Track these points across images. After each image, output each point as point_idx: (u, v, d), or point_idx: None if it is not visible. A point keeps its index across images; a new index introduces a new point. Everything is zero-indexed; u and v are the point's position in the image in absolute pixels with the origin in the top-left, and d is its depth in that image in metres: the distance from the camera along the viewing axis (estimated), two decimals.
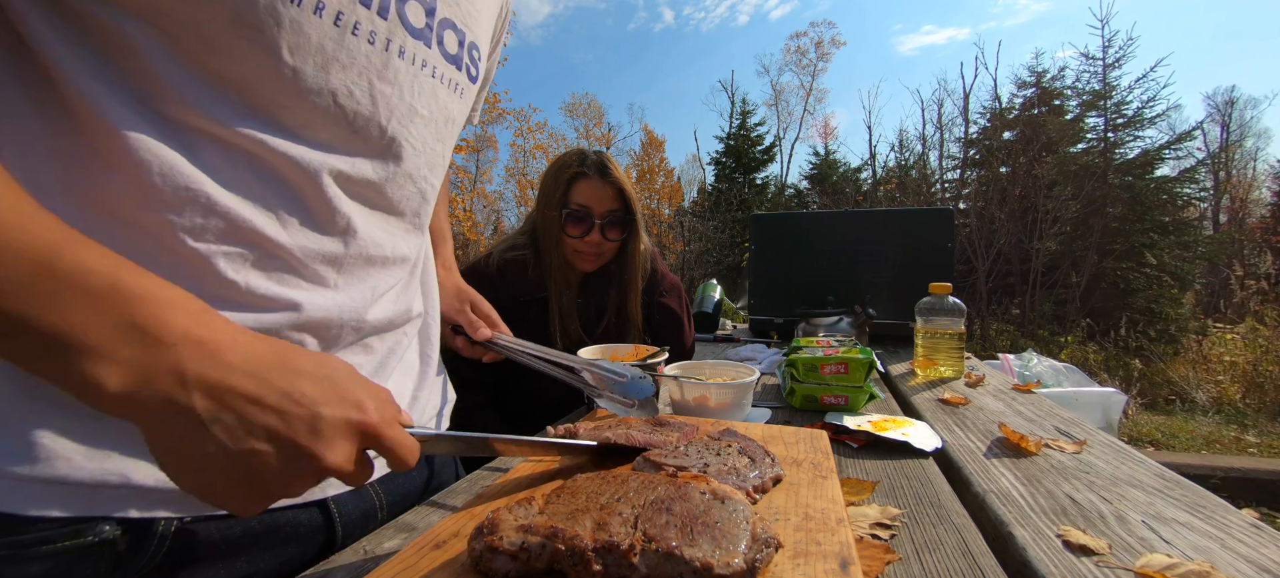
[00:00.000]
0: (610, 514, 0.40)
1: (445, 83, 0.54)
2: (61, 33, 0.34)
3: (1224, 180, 15.90)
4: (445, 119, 0.56)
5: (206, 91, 0.38)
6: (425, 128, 0.53)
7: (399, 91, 0.49)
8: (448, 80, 0.54)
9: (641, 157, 20.01)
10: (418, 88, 0.51)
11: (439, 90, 0.53)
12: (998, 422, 0.82)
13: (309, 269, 0.46)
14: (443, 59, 0.53)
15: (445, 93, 0.54)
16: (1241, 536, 0.49)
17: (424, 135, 0.53)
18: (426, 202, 0.58)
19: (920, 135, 14.03)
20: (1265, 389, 5.12)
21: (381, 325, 0.54)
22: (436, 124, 0.54)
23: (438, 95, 0.53)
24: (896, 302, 1.76)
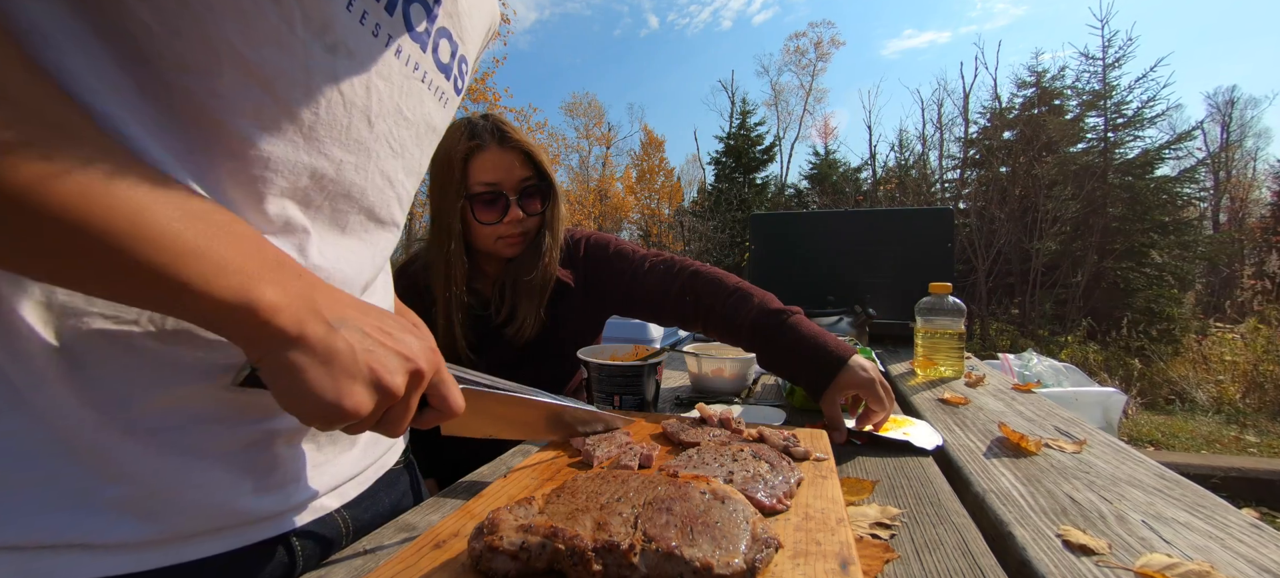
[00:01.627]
0: (610, 514, 0.40)
1: (433, 90, 0.54)
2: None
3: (1224, 180, 15.90)
4: (428, 127, 0.55)
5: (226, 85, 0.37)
6: (408, 131, 0.52)
7: (390, 89, 0.48)
8: (435, 88, 0.54)
9: (641, 156, 20.02)
10: (407, 89, 0.50)
11: (426, 97, 0.53)
12: (998, 422, 0.82)
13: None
14: (434, 66, 0.53)
15: (431, 100, 0.54)
16: (1241, 536, 0.49)
17: (406, 139, 0.53)
18: (402, 209, 0.56)
19: (920, 135, 14.04)
20: (1265, 389, 5.12)
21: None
22: (418, 129, 0.54)
23: (424, 101, 0.53)
24: (896, 302, 1.76)
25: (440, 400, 0.45)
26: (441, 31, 0.52)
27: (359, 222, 0.51)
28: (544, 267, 1.05)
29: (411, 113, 0.52)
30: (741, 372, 1.06)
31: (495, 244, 1.03)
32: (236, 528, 0.44)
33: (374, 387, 0.38)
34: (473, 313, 1.06)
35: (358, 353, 0.38)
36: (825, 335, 0.87)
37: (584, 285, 1.11)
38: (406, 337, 0.42)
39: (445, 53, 0.54)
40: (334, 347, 0.37)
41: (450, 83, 0.56)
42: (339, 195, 0.48)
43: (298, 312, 0.36)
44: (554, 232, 1.06)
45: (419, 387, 0.42)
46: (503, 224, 1.01)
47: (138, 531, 0.39)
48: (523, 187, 1.01)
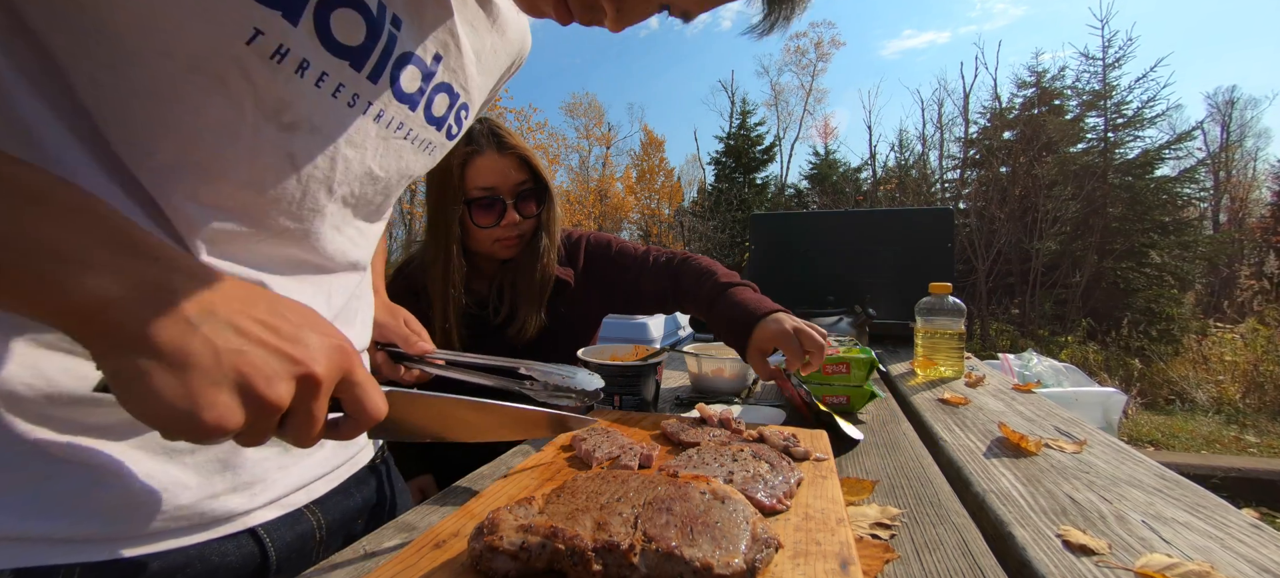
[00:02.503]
0: (610, 514, 0.40)
1: (416, 143, 0.51)
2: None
3: (1224, 180, 15.90)
4: (402, 176, 0.53)
5: (146, 142, 0.36)
6: (375, 187, 0.50)
7: (361, 155, 0.46)
8: (421, 141, 0.52)
9: (641, 156, 20.01)
10: (384, 150, 0.48)
11: (406, 151, 0.50)
12: (998, 422, 0.82)
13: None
14: (423, 121, 0.50)
15: (412, 152, 0.51)
16: (1241, 536, 0.49)
17: (371, 194, 0.50)
18: (365, 251, 0.55)
19: (920, 135, 14.05)
20: (1265, 389, 5.13)
21: None
22: (390, 182, 0.52)
23: (402, 156, 0.50)
24: (896, 302, 1.76)
25: (355, 407, 0.38)
26: (440, 87, 0.50)
27: (309, 267, 0.49)
28: (543, 267, 1.07)
29: (384, 170, 0.49)
30: (741, 372, 1.06)
31: (492, 246, 1.05)
32: (204, 526, 0.44)
33: (243, 395, 0.31)
34: (469, 313, 1.06)
35: (222, 354, 0.31)
36: (754, 300, 0.95)
37: (584, 284, 1.12)
38: (306, 333, 0.35)
39: (441, 106, 0.51)
40: (187, 347, 0.30)
41: (442, 133, 0.54)
42: (279, 250, 0.46)
43: (136, 305, 0.29)
44: (551, 233, 1.08)
45: (316, 393, 0.34)
46: (499, 227, 1.02)
47: (105, 528, 0.39)
48: (519, 190, 1.03)
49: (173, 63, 0.34)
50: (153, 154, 0.36)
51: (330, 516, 0.55)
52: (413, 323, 0.80)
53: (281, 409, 0.33)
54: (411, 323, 0.80)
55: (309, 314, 0.36)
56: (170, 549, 0.42)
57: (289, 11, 0.36)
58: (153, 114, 0.35)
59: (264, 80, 0.37)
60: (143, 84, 0.34)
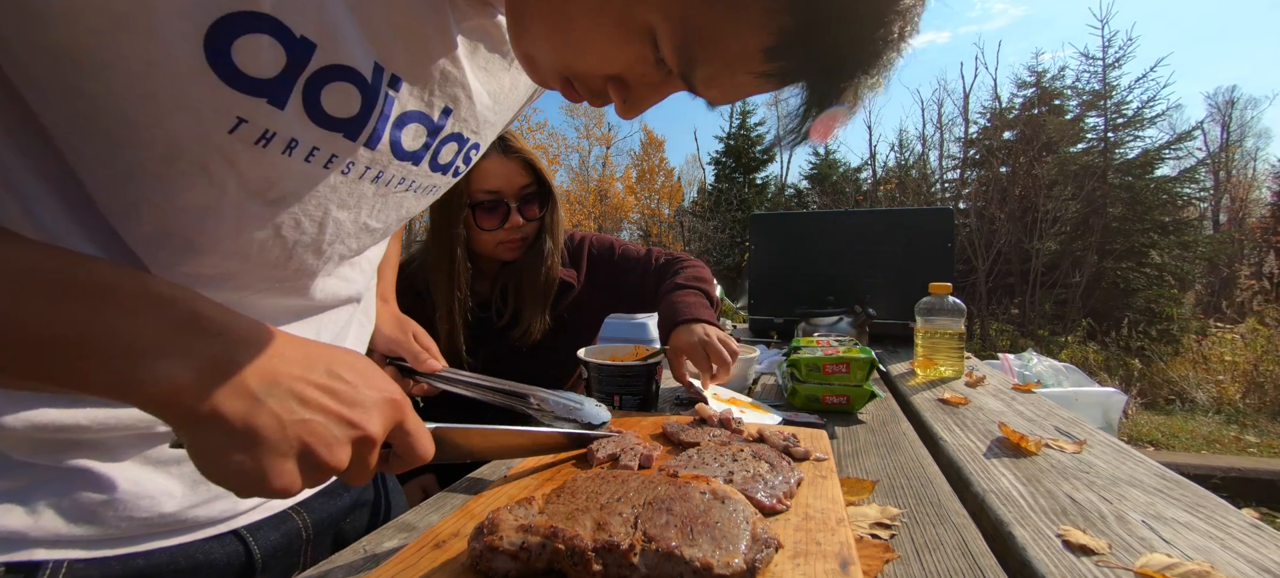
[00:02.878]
0: (610, 514, 0.40)
1: (417, 190, 0.50)
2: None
3: (1224, 180, 15.89)
4: (400, 221, 0.52)
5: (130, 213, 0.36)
6: (369, 237, 0.50)
7: (355, 215, 0.45)
8: (422, 188, 0.51)
9: (641, 156, 20.00)
10: (381, 205, 0.47)
11: (406, 200, 0.50)
12: (998, 422, 0.82)
13: None
14: (427, 171, 0.49)
15: (412, 199, 0.51)
16: (1241, 536, 0.49)
17: (365, 243, 0.50)
18: (360, 287, 0.55)
19: (920, 135, 14.04)
20: (1265, 389, 5.12)
21: None
22: (387, 229, 0.51)
23: (402, 204, 0.50)
24: (896, 302, 1.76)
25: (406, 450, 0.40)
26: (448, 138, 0.48)
27: (300, 315, 0.50)
28: (547, 270, 1.08)
29: (381, 222, 0.49)
30: (741, 372, 1.06)
31: (496, 249, 1.06)
32: (189, 529, 0.45)
33: (307, 462, 0.33)
34: (472, 315, 1.06)
35: (288, 426, 0.32)
36: (684, 302, 0.99)
37: (588, 286, 1.13)
38: (362, 392, 0.36)
39: (448, 154, 0.50)
40: (255, 424, 0.31)
41: (448, 175, 0.53)
42: (275, 303, 0.46)
43: (206, 386, 0.30)
44: (554, 236, 1.09)
45: (372, 450, 0.37)
46: (503, 230, 1.03)
47: (92, 530, 0.40)
48: (523, 193, 1.03)
49: (153, 151, 0.34)
50: (135, 223, 0.37)
51: (317, 516, 0.56)
52: (422, 338, 0.80)
53: (340, 470, 0.35)
54: (421, 338, 0.80)
55: (362, 367, 0.38)
56: (155, 549, 0.43)
57: (274, 97, 0.35)
58: (135, 192, 0.35)
59: (247, 164, 0.36)
60: (124, 166, 0.34)
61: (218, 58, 0.32)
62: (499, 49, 0.49)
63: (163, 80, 0.31)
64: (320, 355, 0.36)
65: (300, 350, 0.35)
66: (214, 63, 0.32)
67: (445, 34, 0.42)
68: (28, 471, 0.38)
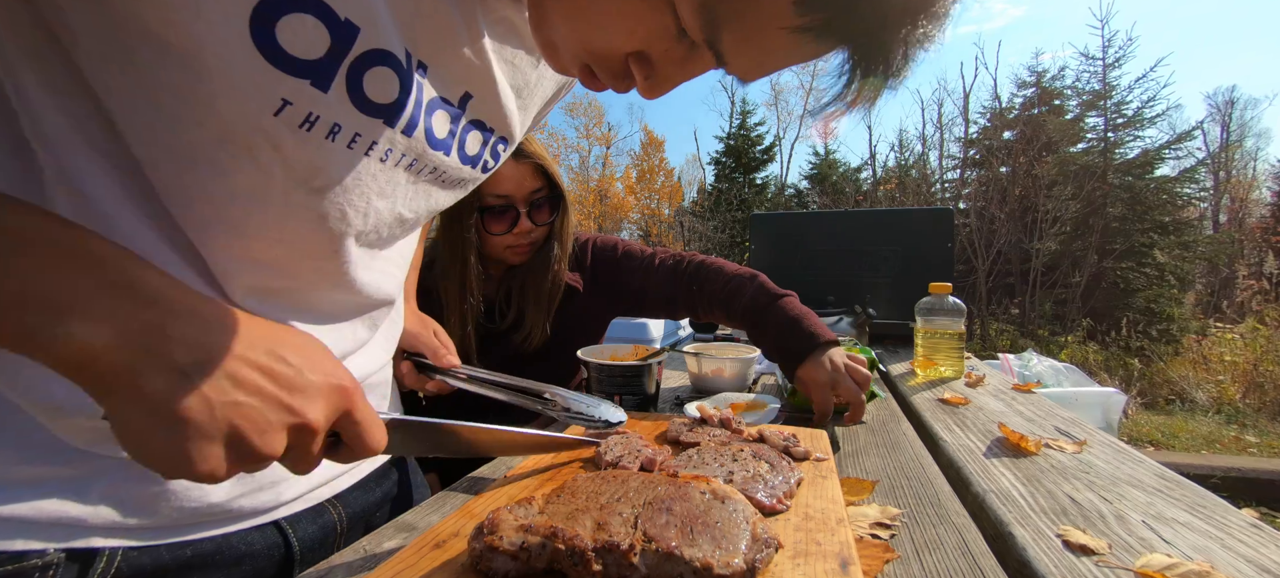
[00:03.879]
0: (610, 514, 0.40)
1: (447, 182, 0.50)
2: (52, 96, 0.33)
3: (1224, 180, 15.90)
4: (430, 213, 0.53)
5: (184, 200, 0.37)
6: (402, 228, 0.50)
7: (392, 204, 0.46)
8: (453, 180, 0.51)
9: (641, 156, 20.01)
10: (414, 194, 0.47)
11: (435, 192, 0.50)
12: (998, 422, 0.82)
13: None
14: (458, 162, 0.49)
15: (442, 193, 0.51)
16: (1241, 536, 0.49)
17: (398, 234, 0.50)
18: (396, 283, 0.55)
19: (920, 135, 14.04)
20: (1265, 389, 5.12)
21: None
22: (418, 221, 0.51)
23: (433, 196, 0.50)
24: (896, 302, 1.76)
25: (354, 440, 0.38)
26: (471, 125, 0.48)
27: (349, 309, 0.51)
28: (553, 274, 1.06)
29: (413, 211, 0.49)
30: (741, 372, 1.06)
31: (504, 252, 1.05)
32: (232, 520, 0.46)
33: (237, 447, 0.31)
34: (476, 318, 1.06)
35: (216, 408, 0.30)
36: (806, 321, 0.90)
37: (591, 288, 1.12)
38: (305, 376, 0.34)
39: (474, 144, 0.50)
40: (179, 403, 0.29)
41: (477, 169, 0.53)
42: (319, 297, 0.47)
43: (126, 355, 0.28)
44: (563, 241, 1.07)
45: (313, 439, 0.35)
46: (512, 234, 1.02)
47: (144, 519, 0.41)
48: (534, 198, 1.02)
49: (205, 133, 0.34)
50: (188, 208, 0.37)
51: (351, 509, 0.57)
52: (441, 334, 0.81)
53: (275, 458, 0.33)
54: (440, 334, 0.80)
55: (311, 350, 0.36)
56: (201, 539, 0.44)
57: (319, 79, 0.35)
58: (187, 176, 0.36)
59: (292, 148, 0.36)
60: (178, 149, 0.35)
61: (263, 37, 0.32)
62: (523, 44, 0.49)
63: (211, 60, 0.31)
64: (264, 335, 0.34)
65: (242, 327, 0.33)
66: (259, 42, 0.32)
67: (472, 23, 0.42)
68: (86, 460, 0.39)
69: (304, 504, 0.52)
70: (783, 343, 0.89)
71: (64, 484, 0.38)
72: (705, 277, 1.04)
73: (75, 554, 0.39)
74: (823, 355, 0.84)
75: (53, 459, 0.38)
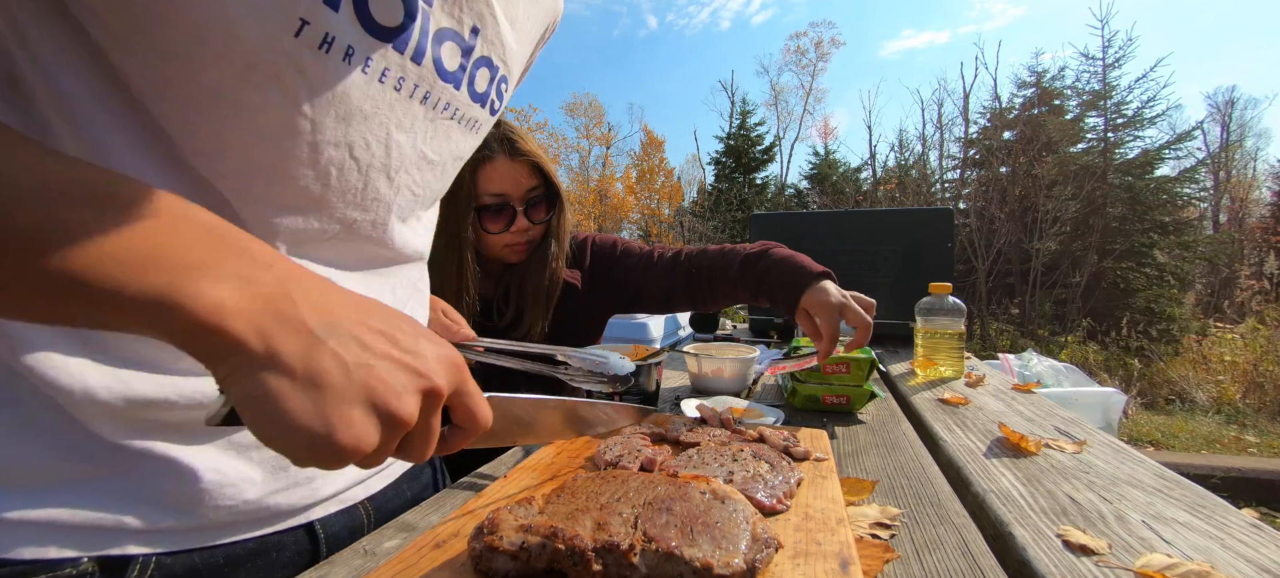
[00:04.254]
0: (610, 514, 0.40)
1: (463, 123, 0.51)
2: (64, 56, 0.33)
3: (1224, 180, 15.90)
4: (454, 159, 0.53)
5: (210, 138, 0.36)
6: (432, 172, 0.50)
7: (413, 139, 0.46)
8: (467, 120, 0.51)
9: (641, 156, 20.01)
10: (433, 132, 0.48)
11: (454, 132, 0.50)
12: (998, 422, 0.82)
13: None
14: (468, 99, 0.50)
15: (460, 133, 0.52)
16: (1241, 536, 0.49)
17: (429, 180, 0.51)
18: (427, 238, 0.56)
19: (920, 135, 14.05)
20: (1265, 389, 5.12)
21: None
22: (444, 166, 0.52)
23: (451, 137, 0.50)
24: (896, 302, 1.76)
25: (466, 417, 0.37)
26: (480, 61, 0.49)
27: (378, 261, 0.51)
28: (551, 272, 1.06)
29: (436, 154, 0.50)
30: (741, 372, 1.06)
31: (501, 251, 1.05)
32: (267, 521, 0.46)
33: (376, 413, 0.30)
34: (474, 316, 1.06)
35: (352, 370, 0.29)
36: (801, 258, 0.95)
37: (590, 286, 1.12)
38: (421, 344, 0.33)
39: (483, 82, 0.51)
40: (317, 364, 0.28)
41: (485, 109, 0.53)
42: (353, 245, 0.47)
43: (259, 317, 0.27)
44: (560, 239, 1.07)
45: (437, 407, 0.34)
46: (509, 233, 1.02)
47: (179, 521, 0.40)
48: (530, 196, 1.02)
49: (229, 66, 0.34)
50: (222, 158, 0.37)
51: (381, 509, 0.57)
52: (451, 313, 0.82)
53: (410, 425, 0.32)
54: (449, 313, 0.82)
55: (416, 323, 0.35)
56: (234, 542, 0.44)
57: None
58: (216, 120, 0.36)
59: (315, 72, 0.37)
60: (204, 91, 0.35)
61: None
62: None
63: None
64: (373, 304, 0.34)
65: (354, 296, 0.33)
66: None
67: None
68: (115, 456, 0.38)
69: (338, 505, 0.51)
70: (783, 278, 0.92)
71: (97, 486, 0.38)
72: (701, 255, 1.08)
73: (108, 563, 0.38)
74: (823, 282, 0.88)
75: (85, 458, 0.37)
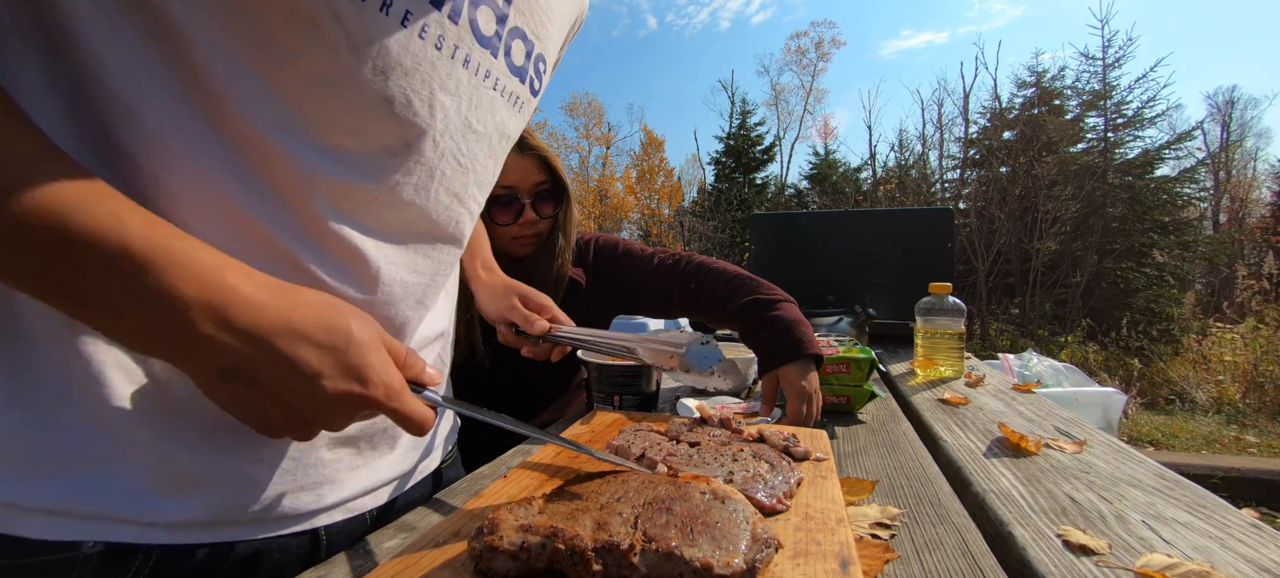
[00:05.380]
0: (610, 514, 0.40)
1: (506, 96, 0.51)
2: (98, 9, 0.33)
3: (1224, 180, 15.90)
4: (500, 135, 0.53)
5: (254, 91, 0.37)
6: (478, 144, 0.50)
7: (457, 103, 0.46)
8: (509, 94, 0.51)
9: (641, 156, 20.02)
10: (477, 100, 0.48)
11: (498, 104, 0.50)
12: (998, 422, 0.82)
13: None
14: (507, 70, 0.50)
15: (504, 107, 0.51)
16: (1241, 536, 0.49)
17: (475, 152, 0.50)
18: (473, 222, 0.55)
19: (920, 135, 14.05)
20: (1265, 389, 5.12)
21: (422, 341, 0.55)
22: (490, 140, 0.51)
23: (496, 110, 0.50)
24: (896, 302, 1.76)
25: (400, 424, 0.43)
26: (514, 32, 0.49)
27: (422, 238, 0.50)
28: (558, 267, 1.09)
29: (481, 124, 0.49)
30: (741, 372, 1.06)
31: (509, 244, 1.08)
32: (273, 523, 0.46)
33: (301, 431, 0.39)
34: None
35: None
36: (806, 327, 0.92)
37: (593, 284, 1.15)
38: (367, 357, 0.39)
39: (519, 54, 0.51)
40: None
41: (526, 86, 0.53)
42: (396, 214, 0.47)
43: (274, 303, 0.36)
44: (567, 233, 1.11)
45: (375, 414, 0.41)
46: (516, 225, 1.05)
47: (185, 514, 0.41)
48: (537, 190, 1.05)
49: (275, 12, 0.35)
50: (267, 115, 0.37)
51: (383, 514, 0.56)
52: (532, 299, 0.84)
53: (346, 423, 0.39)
54: (530, 300, 0.84)
55: (366, 335, 0.40)
56: (237, 540, 0.44)
57: None
58: (261, 71, 0.36)
59: (352, 18, 0.37)
60: (252, 38, 0.35)
61: None
62: None
63: None
64: (323, 314, 0.38)
65: (303, 308, 0.37)
66: None
67: None
68: (122, 443, 0.38)
69: (344, 514, 0.51)
70: (781, 338, 0.91)
71: (100, 471, 0.38)
72: (704, 274, 1.07)
73: (112, 550, 0.38)
74: (810, 367, 0.86)
75: (105, 445, 0.38)
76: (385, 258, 0.46)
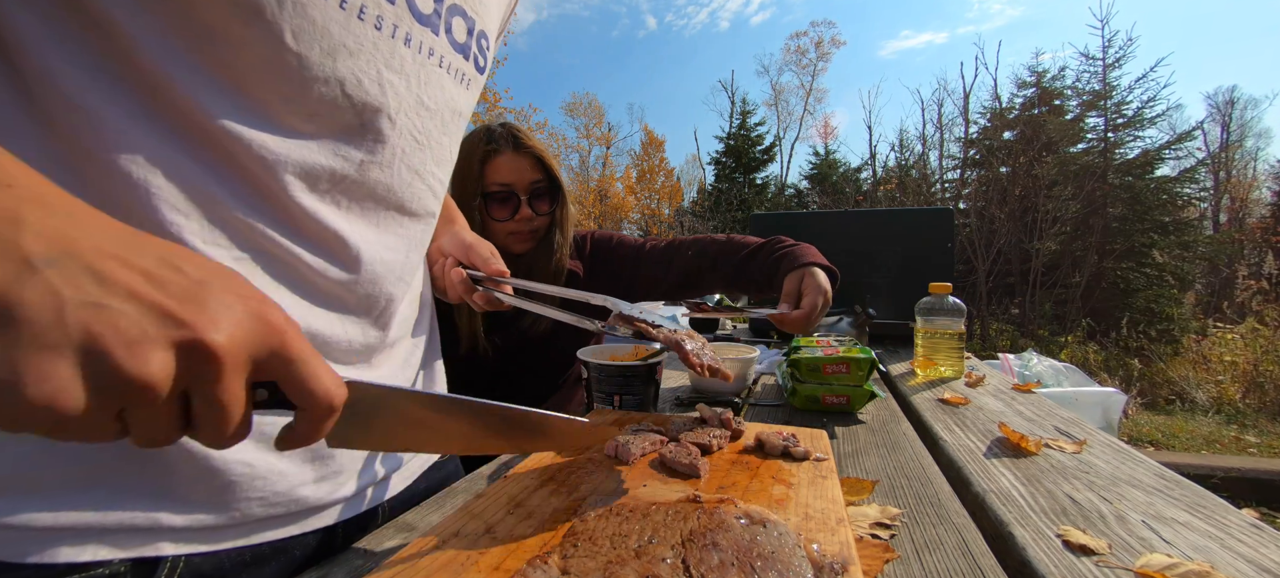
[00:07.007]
0: (653, 561, 0.35)
1: (452, 73, 0.52)
2: (42, 18, 0.33)
3: (1224, 180, 15.90)
4: (452, 112, 0.54)
5: (205, 84, 0.37)
6: (432, 121, 0.51)
7: (406, 82, 0.47)
8: (454, 71, 0.53)
9: (641, 156, 20.02)
10: (424, 78, 0.49)
11: (445, 82, 0.52)
12: (998, 422, 0.82)
13: (319, 296, 0.45)
14: (450, 48, 0.51)
15: (452, 84, 0.53)
16: (1241, 536, 0.49)
17: (430, 129, 0.52)
18: (437, 199, 0.56)
19: (920, 135, 14.04)
20: (1265, 389, 5.12)
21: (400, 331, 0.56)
22: (442, 117, 0.53)
23: (444, 87, 0.52)
24: (896, 302, 1.76)
25: (296, 391, 0.30)
26: (453, 9, 0.51)
27: (391, 216, 0.51)
28: (556, 261, 1.14)
29: (433, 101, 0.51)
30: (741, 372, 1.06)
31: (507, 240, 1.12)
32: (293, 519, 0.46)
33: (92, 365, 0.23)
34: None
35: (68, 308, 0.23)
36: (814, 250, 1.05)
37: (590, 275, 1.19)
38: (208, 291, 0.26)
39: (460, 31, 0.52)
40: (15, 295, 0.22)
41: (469, 62, 0.55)
42: (364, 193, 0.48)
43: None
44: (564, 230, 1.15)
45: (216, 371, 0.26)
46: (514, 221, 1.09)
47: (207, 516, 0.40)
48: (533, 188, 1.10)
49: (216, 7, 0.35)
50: (224, 108, 0.37)
51: (396, 505, 0.58)
52: (497, 257, 0.82)
53: (153, 389, 0.24)
54: (496, 254, 0.82)
55: (226, 273, 0.29)
56: (259, 543, 0.44)
57: None
58: (206, 58, 0.36)
59: (293, 3, 0.37)
60: (192, 29, 0.35)
61: None
62: None
63: None
64: (158, 245, 0.27)
65: (132, 234, 0.26)
66: None
67: None
68: (146, 454, 0.38)
69: (354, 509, 0.51)
70: (809, 254, 1.02)
71: (129, 486, 0.38)
72: (703, 240, 1.15)
73: (140, 563, 0.38)
74: (829, 279, 0.95)
75: (117, 458, 0.37)
76: (362, 238, 0.47)
